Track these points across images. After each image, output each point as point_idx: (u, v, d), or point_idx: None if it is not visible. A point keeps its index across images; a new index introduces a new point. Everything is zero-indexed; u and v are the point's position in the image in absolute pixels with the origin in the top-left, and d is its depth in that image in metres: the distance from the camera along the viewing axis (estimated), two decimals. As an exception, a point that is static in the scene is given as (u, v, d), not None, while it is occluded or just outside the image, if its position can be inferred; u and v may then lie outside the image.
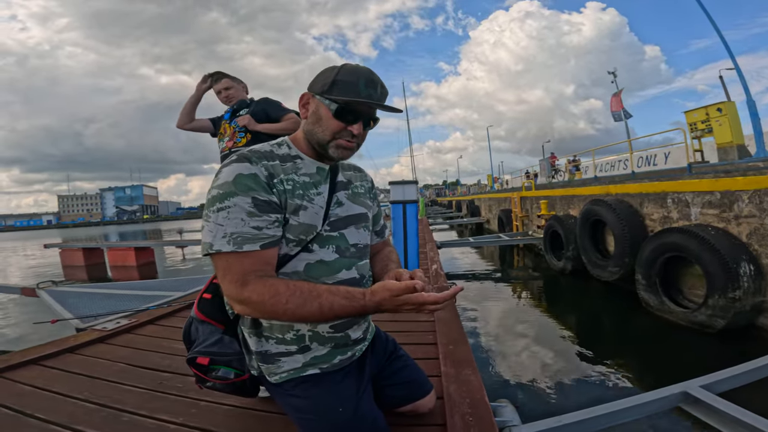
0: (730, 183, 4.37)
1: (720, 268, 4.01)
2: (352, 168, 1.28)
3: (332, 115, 1.02)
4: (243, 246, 0.94)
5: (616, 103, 18.72)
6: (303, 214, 1.03)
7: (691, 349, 4.12)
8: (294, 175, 1.05)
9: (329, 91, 1.02)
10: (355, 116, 1.03)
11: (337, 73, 1.02)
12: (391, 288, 0.93)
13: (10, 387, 1.78)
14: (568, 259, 7.52)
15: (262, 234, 0.96)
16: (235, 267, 0.94)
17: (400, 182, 3.25)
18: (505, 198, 14.95)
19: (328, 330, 1.11)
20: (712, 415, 1.70)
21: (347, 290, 0.96)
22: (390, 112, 1.07)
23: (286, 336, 1.08)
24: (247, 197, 0.95)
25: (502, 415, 1.56)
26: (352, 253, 1.14)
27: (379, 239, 1.36)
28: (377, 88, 1.03)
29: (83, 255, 12.05)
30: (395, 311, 0.95)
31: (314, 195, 1.07)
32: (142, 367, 1.99)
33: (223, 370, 1.14)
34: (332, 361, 1.12)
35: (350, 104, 1.01)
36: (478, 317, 5.48)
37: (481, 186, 43.94)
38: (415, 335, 2.34)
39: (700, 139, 9.63)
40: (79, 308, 3.47)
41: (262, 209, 0.97)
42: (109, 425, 1.44)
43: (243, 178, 0.96)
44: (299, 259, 1.05)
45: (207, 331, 1.18)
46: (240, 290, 0.94)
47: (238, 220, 0.94)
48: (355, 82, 1.00)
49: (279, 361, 1.09)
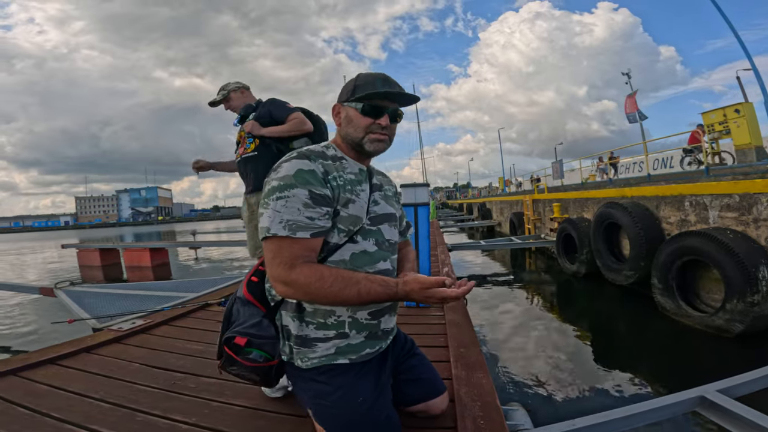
0: (749, 185, 4.28)
1: (738, 272, 3.93)
2: (381, 174, 1.41)
3: (360, 113, 1.16)
4: (297, 233, 1.04)
5: (631, 105, 18.45)
6: (352, 207, 1.15)
7: (708, 353, 4.04)
8: (343, 173, 1.17)
9: (353, 95, 1.16)
10: (379, 110, 1.16)
11: (356, 80, 1.19)
12: (421, 281, 1.04)
13: (28, 386, 1.81)
14: (582, 262, 7.43)
15: (314, 224, 1.06)
16: (286, 251, 1.05)
17: (412, 185, 3.24)
18: (517, 201, 14.85)
19: (366, 317, 1.18)
20: (730, 420, 1.66)
21: (382, 278, 1.08)
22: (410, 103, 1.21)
23: (327, 321, 1.15)
24: (305, 190, 1.06)
25: (513, 419, 1.55)
26: (387, 247, 1.25)
27: (402, 238, 1.45)
28: (393, 85, 1.17)
29: (100, 255, 12.28)
30: (421, 301, 1.05)
31: (360, 191, 1.19)
32: (156, 367, 2.02)
33: (255, 353, 1.18)
34: (361, 353, 1.18)
35: (372, 99, 1.15)
36: (490, 320, 5.44)
37: (492, 189, 43.68)
38: (426, 338, 2.33)
39: (717, 140, 9.44)
40: (96, 308, 3.53)
41: (317, 202, 1.07)
42: (123, 425, 1.46)
43: (303, 172, 1.08)
44: (345, 248, 1.15)
45: (248, 312, 1.23)
46: (288, 272, 1.04)
47: (295, 209, 1.05)
48: (372, 82, 1.16)
49: (315, 346, 1.15)
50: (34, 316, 6.53)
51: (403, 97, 1.18)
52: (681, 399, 1.79)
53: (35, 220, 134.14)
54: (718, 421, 1.71)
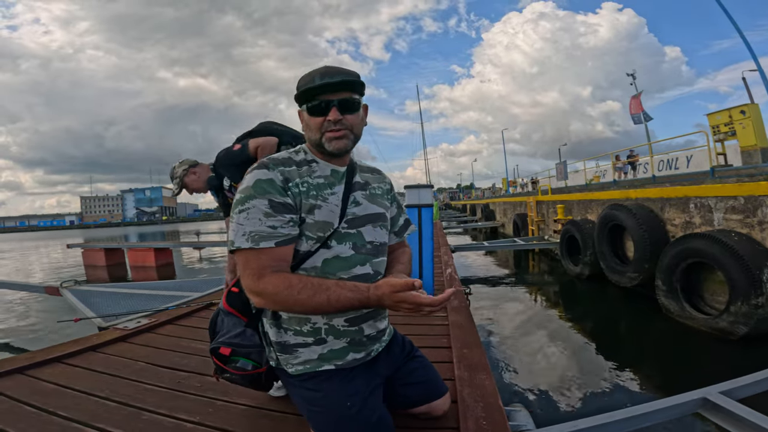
0: (754, 188, 4.26)
1: (743, 275, 3.92)
2: (371, 170, 1.34)
3: (309, 114, 1.11)
4: (260, 243, 1.03)
5: (636, 106, 18.40)
6: (318, 213, 1.11)
7: (712, 355, 4.03)
8: (308, 178, 1.13)
9: (299, 99, 1.11)
10: (325, 105, 1.08)
11: (299, 81, 1.12)
12: (392, 284, 0.99)
13: (34, 385, 1.83)
14: (586, 264, 7.41)
15: (277, 233, 1.05)
16: (253, 262, 1.04)
17: (416, 186, 3.25)
18: (520, 202, 14.81)
19: (343, 324, 1.16)
20: (732, 421, 1.66)
21: (353, 284, 1.05)
22: (360, 88, 1.12)
23: (303, 328, 1.15)
24: (264, 199, 1.05)
25: (516, 420, 1.55)
26: (367, 250, 1.20)
27: (397, 239, 1.39)
28: (333, 75, 1.08)
29: (104, 255, 12.35)
30: (394, 308, 1.01)
31: (328, 195, 1.14)
32: (161, 366, 2.04)
33: (242, 362, 1.22)
34: (346, 358, 1.17)
35: (310, 93, 1.08)
36: (493, 321, 5.44)
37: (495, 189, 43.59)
38: (429, 338, 2.34)
39: (723, 142, 9.41)
40: (101, 307, 3.56)
41: (277, 210, 1.05)
42: (129, 423, 1.48)
43: (261, 182, 1.06)
44: (318, 255, 1.12)
45: (231, 322, 1.27)
46: (257, 282, 1.03)
47: (256, 220, 1.04)
48: (310, 79, 1.09)
49: (297, 351, 1.16)
50: (39, 315, 6.58)
51: (348, 84, 1.09)
52: (684, 400, 1.79)
53: (41, 219, 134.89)
54: (721, 423, 1.71)
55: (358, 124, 1.15)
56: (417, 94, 65.49)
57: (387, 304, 1.01)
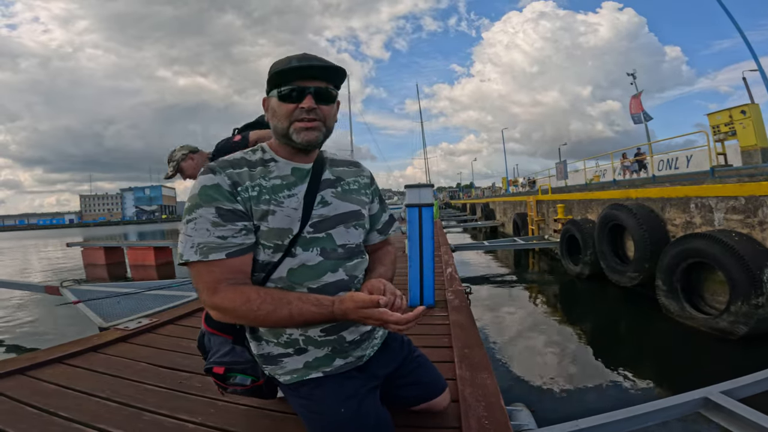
0: (755, 188, 4.26)
1: (743, 275, 3.92)
2: (347, 164, 1.23)
3: (279, 100, 1.01)
4: (209, 255, 0.95)
5: (636, 105, 18.38)
6: (272, 219, 1.01)
7: (712, 355, 4.04)
8: (262, 180, 1.03)
9: (270, 83, 1.02)
10: (299, 91, 0.99)
11: (272, 67, 1.02)
12: (356, 300, 0.93)
13: (35, 385, 1.83)
14: (586, 263, 7.41)
15: (227, 243, 0.97)
16: (205, 276, 0.97)
17: (416, 185, 3.25)
18: (520, 201, 14.82)
19: (319, 334, 1.09)
20: (733, 421, 1.67)
21: (317, 298, 0.98)
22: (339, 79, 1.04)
23: (279, 339, 1.10)
24: (211, 208, 0.96)
25: (517, 419, 1.55)
26: (339, 255, 1.10)
27: (381, 237, 1.31)
28: (312, 60, 1.00)
29: (104, 254, 12.35)
30: (360, 321, 0.96)
31: (284, 198, 1.04)
32: (162, 367, 2.03)
33: (240, 377, 1.20)
34: (333, 365, 1.13)
35: (289, 81, 0.99)
36: (494, 321, 5.44)
37: (495, 189, 43.61)
38: (430, 338, 2.34)
39: (723, 142, 9.41)
40: (102, 307, 3.55)
41: (226, 218, 0.97)
42: (130, 424, 1.48)
43: (207, 189, 0.98)
44: (283, 265, 1.04)
45: (218, 342, 1.24)
46: (211, 297, 0.96)
47: (204, 231, 0.96)
48: (286, 62, 0.99)
49: (281, 362, 1.11)
50: (40, 315, 6.57)
51: (327, 71, 1.01)
52: (684, 400, 1.79)
53: (40, 218, 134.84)
54: (722, 423, 1.71)
55: (330, 117, 1.05)
56: (417, 93, 65.49)
57: (353, 318, 0.95)
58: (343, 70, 1.03)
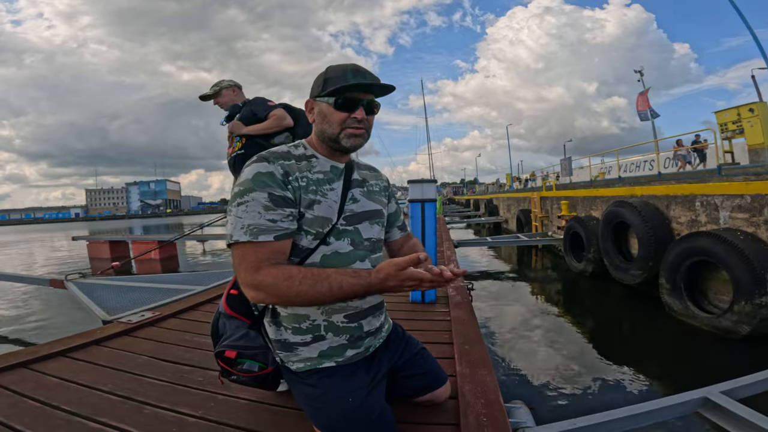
0: (761, 186, 4.22)
1: (748, 274, 3.90)
2: (368, 168, 1.36)
3: (334, 108, 1.10)
4: (259, 236, 1.02)
5: (643, 102, 18.22)
6: (317, 208, 1.11)
7: (714, 354, 4.02)
8: (308, 173, 1.12)
9: (324, 89, 1.11)
10: (354, 103, 1.10)
11: (326, 73, 1.13)
12: (396, 262, 0.96)
13: (38, 379, 1.83)
14: (589, 261, 7.39)
15: (276, 226, 1.04)
16: (250, 255, 1.02)
17: (419, 181, 3.24)
18: (524, 198, 14.77)
19: (342, 320, 1.17)
20: (732, 421, 1.65)
21: (354, 270, 1.04)
22: (385, 93, 1.16)
23: (301, 325, 1.15)
24: (264, 192, 1.03)
25: (516, 417, 1.55)
26: (365, 246, 1.21)
27: (402, 233, 1.43)
28: (365, 75, 1.11)
29: (109, 247, 12.43)
30: (400, 288, 0.98)
31: (327, 190, 1.14)
32: (164, 360, 2.04)
33: (248, 364, 1.22)
34: (345, 354, 1.18)
35: (345, 92, 1.09)
36: (495, 317, 5.44)
37: (499, 185, 43.45)
38: (431, 334, 2.34)
39: (730, 140, 9.33)
40: (106, 300, 3.57)
41: (277, 204, 1.04)
42: (131, 418, 1.48)
43: (261, 175, 1.05)
44: (318, 252, 1.12)
45: (234, 326, 1.27)
46: (254, 275, 1.00)
47: (255, 213, 1.02)
48: (342, 75, 1.09)
49: (297, 349, 1.17)
50: (43, 308, 6.63)
51: (378, 88, 1.13)
52: (684, 400, 1.78)
53: (46, 212, 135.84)
54: (721, 423, 1.70)
55: (371, 126, 1.18)
56: (421, 88, 65.29)
57: (391, 285, 0.97)
58: (393, 88, 1.14)
